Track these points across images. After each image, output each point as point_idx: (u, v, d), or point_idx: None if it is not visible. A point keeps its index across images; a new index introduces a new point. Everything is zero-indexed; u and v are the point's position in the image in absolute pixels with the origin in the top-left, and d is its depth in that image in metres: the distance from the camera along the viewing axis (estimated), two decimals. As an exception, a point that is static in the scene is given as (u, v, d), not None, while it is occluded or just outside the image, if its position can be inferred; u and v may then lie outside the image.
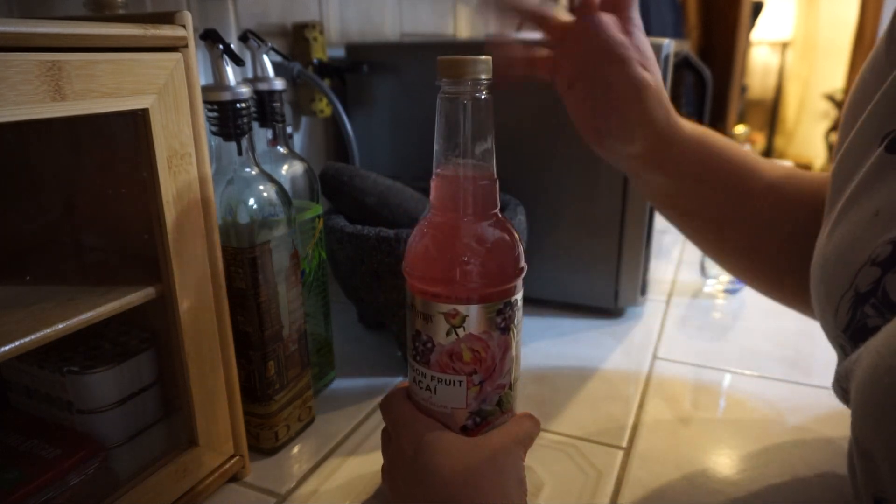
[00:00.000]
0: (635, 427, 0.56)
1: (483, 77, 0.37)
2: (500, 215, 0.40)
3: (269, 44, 0.56)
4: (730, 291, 0.87)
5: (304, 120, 0.86)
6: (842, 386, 0.33)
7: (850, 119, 0.40)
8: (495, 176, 0.39)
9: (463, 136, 0.38)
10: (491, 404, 0.42)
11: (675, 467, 0.51)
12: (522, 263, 0.40)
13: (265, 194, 0.49)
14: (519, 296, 0.41)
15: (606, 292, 0.78)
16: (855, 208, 0.36)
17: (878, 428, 0.28)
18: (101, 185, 0.47)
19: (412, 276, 0.41)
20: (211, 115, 0.47)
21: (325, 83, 0.79)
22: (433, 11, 1.20)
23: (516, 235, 0.41)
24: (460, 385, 0.41)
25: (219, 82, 0.47)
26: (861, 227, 0.34)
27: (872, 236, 0.33)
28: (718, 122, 2.13)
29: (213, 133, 0.48)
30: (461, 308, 0.39)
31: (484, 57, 0.37)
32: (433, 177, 0.40)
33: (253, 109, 0.52)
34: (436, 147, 0.39)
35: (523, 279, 0.41)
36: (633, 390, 0.62)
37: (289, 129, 0.67)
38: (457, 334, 0.39)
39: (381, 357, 0.69)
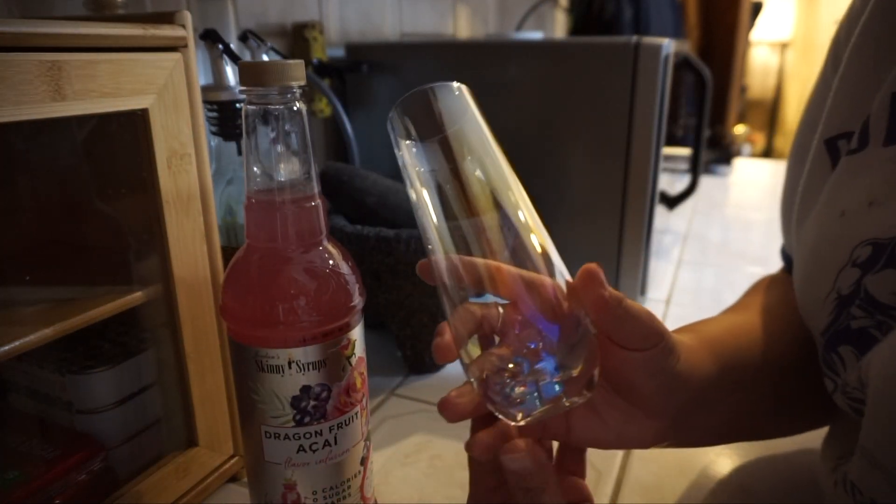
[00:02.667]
0: (635, 427, 0.56)
1: (294, 84, 0.32)
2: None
3: (269, 44, 0.56)
4: None
5: (303, 120, 0.86)
6: (848, 395, 0.33)
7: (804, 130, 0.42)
8: (318, 196, 0.34)
9: (276, 154, 0.33)
10: (369, 420, 0.38)
11: (675, 467, 0.51)
12: None
13: (265, 194, 0.48)
14: None
15: (606, 292, 0.78)
16: (817, 209, 0.36)
17: None
18: (101, 185, 0.47)
19: (285, 326, 0.33)
20: (211, 115, 0.47)
21: (325, 83, 0.79)
22: (433, 11, 1.20)
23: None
24: (357, 417, 0.37)
25: (218, 82, 0.47)
26: (829, 228, 0.35)
27: (843, 237, 0.33)
28: (718, 122, 2.13)
29: (213, 133, 0.48)
30: (352, 334, 0.35)
31: (294, 61, 0.32)
32: (246, 203, 0.34)
33: (253, 109, 0.52)
34: (244, 168, 0.34)
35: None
36: (632, 390, 0.62)
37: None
38: (351, 364, 0.35)
39: (380, 357, 0.69)
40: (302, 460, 0.36)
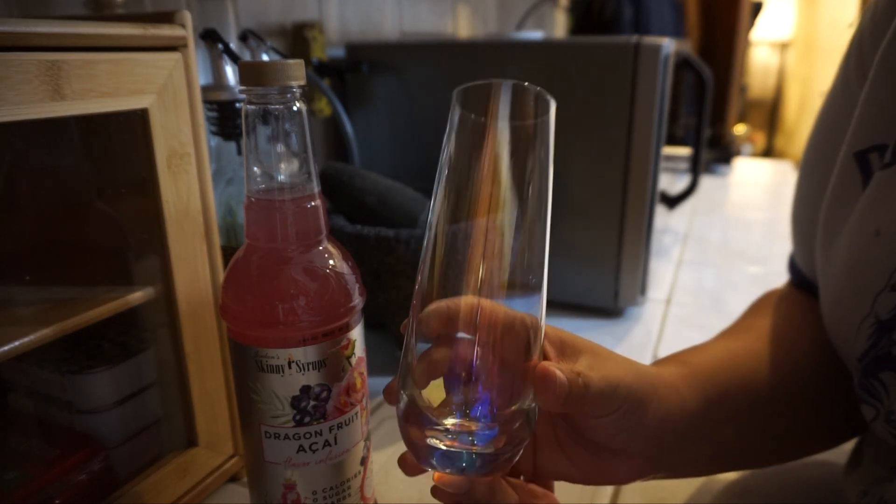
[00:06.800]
0: (635, 427, 0.56)
1: (294, 83, 0.32)
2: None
3: (269, 43, 0.56)
4: None
5: (303, 120, 0.86)
6: (892, 422, 0.32)
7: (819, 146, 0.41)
8: (318, 196, 0.35)
9: (276, 154, 0.33)
10: (369, 420, 0.39)
11: (675, 467, 0.51)
12: None
13: (265, 194, 0.48)
14: None
15: (606, 292, 0.78)
16: (848, 227, 0.34)
17: None
18: (101, 185, 0.47)
19: (285, 326, 0.33)
20: (210, 114, 0.47)
21: (325, 83, 0.79)
22: (433, 11, 1.20)
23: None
24: (357, 417, 0.37)
25: (218, 82, 0.47)
26: (864, 249, 0.33)
27: (879, 259, 0.31)
28: (718, 121, 2.13)
29: (213, 133, 0.48)
30: (352, 334, 0.36)
31: (294, 61, 0.32)
32: (246, 203, 0.34)
33: (253, 109, 0.52)
34: (244, 168, 0.34)
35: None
36: (633, 390, 0.62)
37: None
38: (350, 364, 0.36)
39: (381, 357, 0.69)
40: (302, 460, 0.36)
